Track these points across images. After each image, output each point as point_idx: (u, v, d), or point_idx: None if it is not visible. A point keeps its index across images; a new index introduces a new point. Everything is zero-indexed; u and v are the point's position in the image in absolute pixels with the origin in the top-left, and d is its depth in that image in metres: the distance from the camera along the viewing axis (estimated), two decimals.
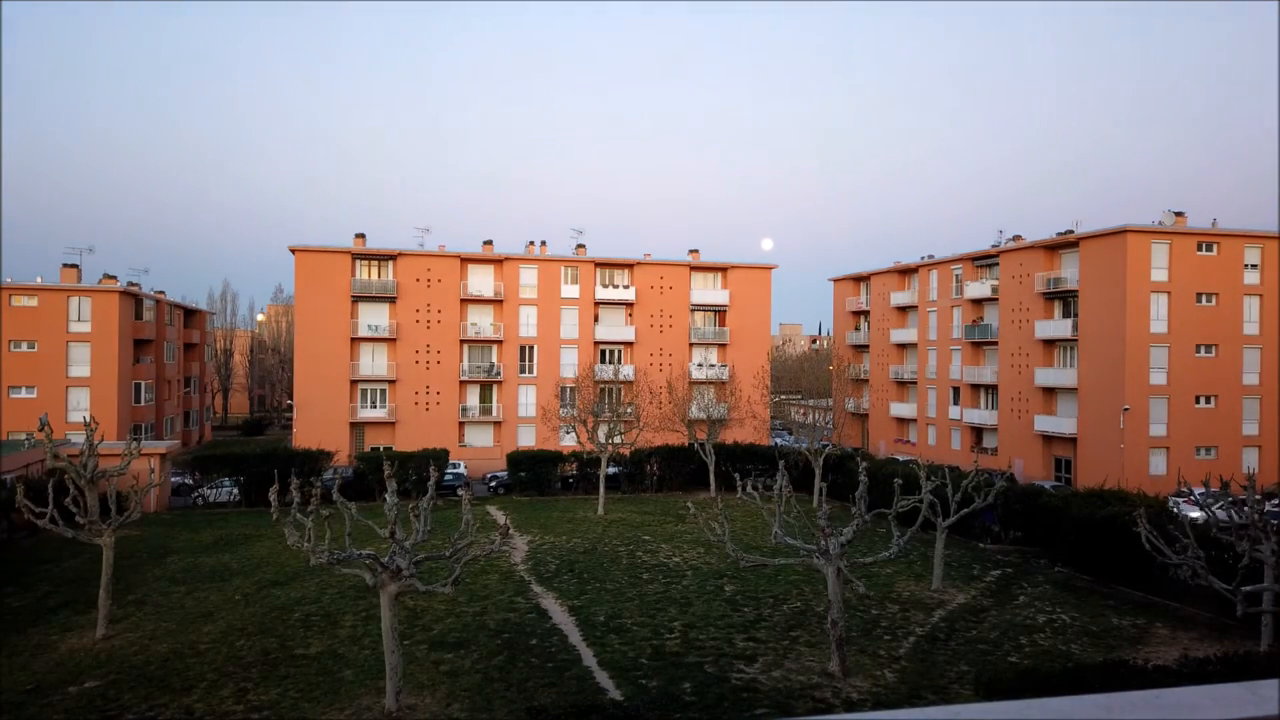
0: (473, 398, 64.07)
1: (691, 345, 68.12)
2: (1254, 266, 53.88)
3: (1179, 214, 54.73)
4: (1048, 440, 57.35)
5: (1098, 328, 53.21)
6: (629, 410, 50.18)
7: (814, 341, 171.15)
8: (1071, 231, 56.71)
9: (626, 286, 66.91)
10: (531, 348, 64.95)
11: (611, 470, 45.67)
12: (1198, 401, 52.67)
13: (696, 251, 69.66)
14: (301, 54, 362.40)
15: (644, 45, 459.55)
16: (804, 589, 25.46)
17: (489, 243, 65.51)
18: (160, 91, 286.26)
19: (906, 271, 73.90)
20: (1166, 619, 23.59)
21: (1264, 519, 20.58)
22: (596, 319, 66.31)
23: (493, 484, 49.37)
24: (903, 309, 74.09)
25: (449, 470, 45.64)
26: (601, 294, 66.21)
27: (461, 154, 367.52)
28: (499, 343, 64.28)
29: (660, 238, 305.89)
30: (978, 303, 65.06)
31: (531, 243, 67.20)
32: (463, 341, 63.55)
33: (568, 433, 53.72)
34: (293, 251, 60.98)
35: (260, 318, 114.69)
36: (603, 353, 66.40)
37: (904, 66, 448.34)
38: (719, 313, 69.80)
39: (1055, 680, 14.25)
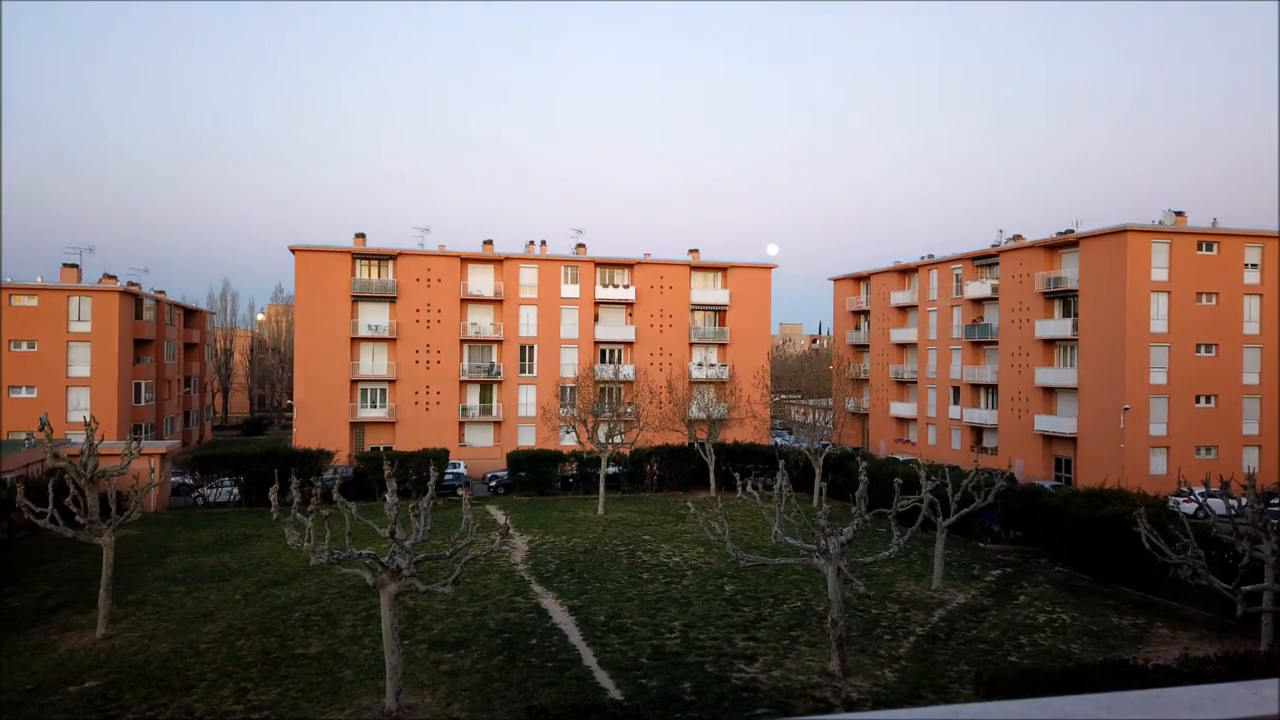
0: (473, 397, 64.08)
1: (691, 345, 68.14)
2: (1254, 266, 53.89)
3: (1179, 213, 54.74)
4: (1048, 440, 57.34)
5: (1098, 327, 53.21)
6: (629, 410, 50.19)
7: (814, 341, 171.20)
8: (1071, 231, 56.72)
9: (626, 286, 66.93)
10: (531, 347, 64.97)
11: (611, 470, 45.65)
12: (1198, 401, 52.67)
13: (696, 251, 69.73)
14: (301, 54, 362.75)
15: (646, 46, 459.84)
16: (804, 588, 25.46)
17: (489, 242, 65.54)
18: (160, 91, 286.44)
19: (906, 271, 73.90)
20: (1166, 619, 23.59)
21: (1264, 518, 20.58)
22: (596, 319, 66.33)
23: (493, 484, 49.36)
24: (903, 309, 74.10)
25: (449, 470, 45.64)
26: (601, 294, 66.23)
27: (462, 154, 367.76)
28: (499, 342, 64.30)
29: (660, 237, 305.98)
30: (978, 302, 65.06)
31: (531, 242, 67.30)
32: (463, 341, 63.57)
33: (568, 432, 53.72)
34: (293, 251, 61.00)
35: (260, 318, 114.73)
36: (603, 352, 66.40)
37: (904, 66, 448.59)
38: (719, 312, 69.82)
39: (1055, 680, 14.25)
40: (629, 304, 66.97)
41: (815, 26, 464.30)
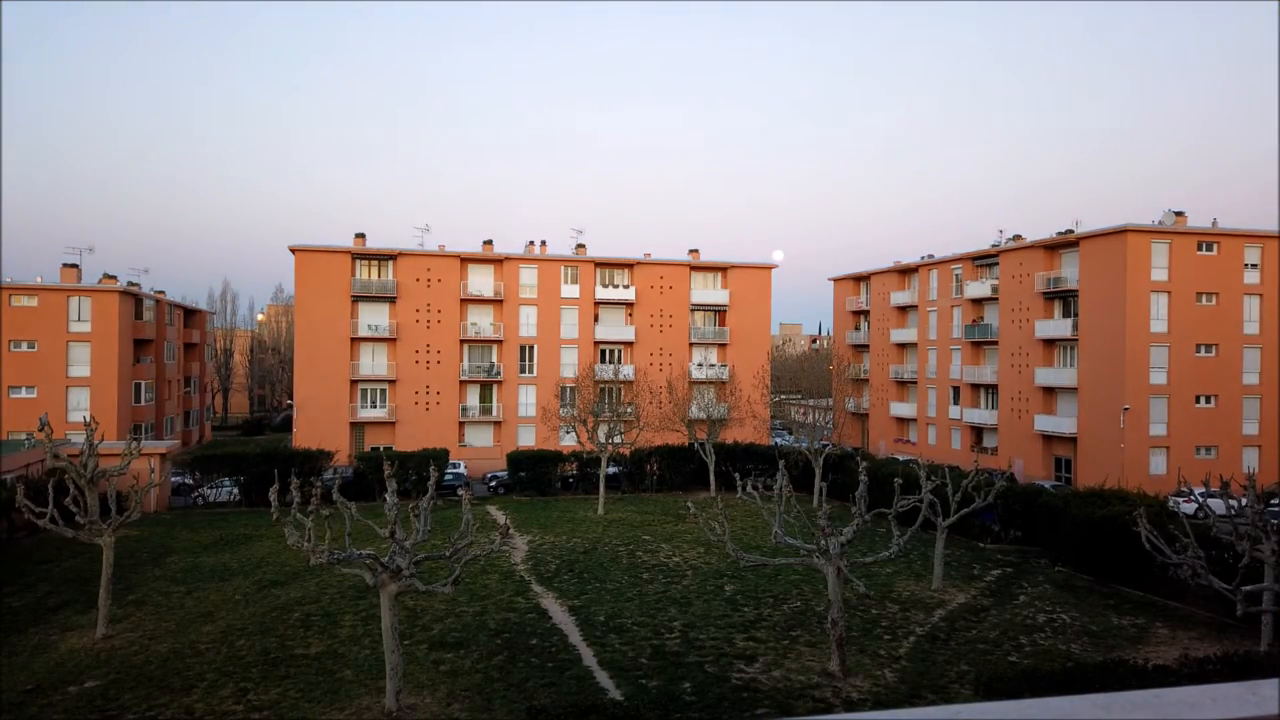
0: (473, 398, 64.08)
1: (691, 345, 68.14)
2: (1254, 266, 53.89)
3: (1179, 214, 54.75)
4: (1048, 440, 57.35)
5: (1098, 327, 53.22)
6: (629, 410, 50.20)
7: (814, 341, 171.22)
8: (1071, 231, 56.73)
9: (626, 286, 66.94)
10: (531, 348, 64.97)
11: (611, 470, 45.67)
12: (1198, 401, 52.68)
13: (696, 251, 69.72)
14: (301, 54, 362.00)
15: (647, 47, 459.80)
16: (804, 588, 25.47)
17: (489, 242, 65.54)
18: (160, 91, 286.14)
19: (906, 271, 73.91)
20: (1166, 618, 23.60)
21: (1264, 518, 20.59)
22: (596, 319, 66.33)
23: (493, 484, 49.37)
24: (903, 309, 74.11)
25: (449, 470, 45.64)
26: (601, 294, 66.23)
27: (462, 154, 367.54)
28: (499, 343, 64.30)
29: (660, 237, 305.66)
30: (978, 302, 65.07)
31: (531, 242, 67.28)
32: (463, 341, 63.57)
33: (568, 433, 53.73)
34: (293, 251, 60.99)
35: (260, 318, 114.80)
36: (603, 353, 66.41)
37: (904, 66, 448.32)
38: (719, 312, 69.82)
39: (1055, 680, 14.26)
40: (629, 304, 66.97)
41: (815, 26, 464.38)
